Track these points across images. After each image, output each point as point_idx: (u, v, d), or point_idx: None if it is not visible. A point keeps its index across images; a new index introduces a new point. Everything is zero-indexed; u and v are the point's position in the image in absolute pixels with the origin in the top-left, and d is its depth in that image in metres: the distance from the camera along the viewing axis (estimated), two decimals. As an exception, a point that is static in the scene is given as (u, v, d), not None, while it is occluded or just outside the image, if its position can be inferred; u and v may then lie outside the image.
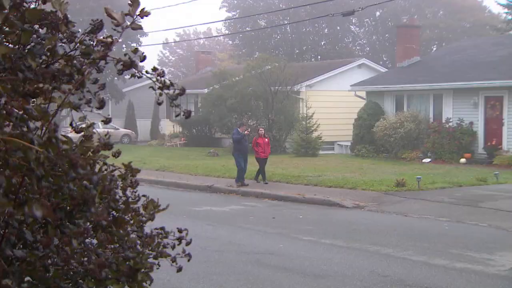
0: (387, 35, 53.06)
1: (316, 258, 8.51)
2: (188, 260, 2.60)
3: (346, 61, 34.59)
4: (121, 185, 2.37)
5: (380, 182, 16.40)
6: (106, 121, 2.28)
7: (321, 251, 9.07)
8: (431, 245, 9.35)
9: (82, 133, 2.24)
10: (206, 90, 31.71)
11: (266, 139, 17.93)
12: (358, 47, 55.49)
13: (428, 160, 23.22)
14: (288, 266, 8.08)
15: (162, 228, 2.53)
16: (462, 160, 22.34)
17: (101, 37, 2.16)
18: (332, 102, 30.54)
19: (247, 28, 51.95)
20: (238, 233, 10.65)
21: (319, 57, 52.24)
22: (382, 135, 24.66)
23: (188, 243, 2.55)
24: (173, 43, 65.50)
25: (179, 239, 2.56)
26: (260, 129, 18.37)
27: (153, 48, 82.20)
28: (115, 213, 2.22)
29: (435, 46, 50.78)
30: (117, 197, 2.26)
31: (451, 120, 23.65)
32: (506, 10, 41.90)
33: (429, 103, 25.16)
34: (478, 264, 8.09)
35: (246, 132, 17.80)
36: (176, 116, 2.37)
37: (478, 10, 50.19)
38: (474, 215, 12.08)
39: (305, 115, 27.59)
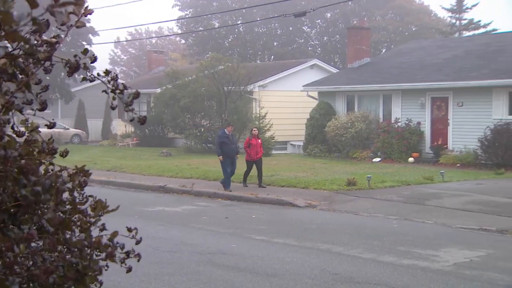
0: (338, 36, 53.89)
1: (269, 257, 8.56)
2: (138, 261, 2.57)
3: (299, 62, 34.92)
4: (69, 186, 2.33)
5: (332, 182, 16.63)
6: (50, 125, 2.24)
7: (273, 250, 9.13)
8: (380, 243, 9.55)
9: (26, 136, 2.18)
10: (158, 90, 31.46)
11: (259, 140, 16.87)
12: (310, 48, 56.09)
13: (378, 159, 23.71)
14: (241, 265, 8.11)
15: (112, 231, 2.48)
16: (410, 159, 22.92)
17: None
18: (285, 102, 30.80)
19: (200, 28, 51.77)
20: (191, 233, 10.61)
21: (272, 57, 52.54)
22: (333, 135, 25.03)
23: (138, 242, 2.51)
24: (125, 42, 64.57)
25: (133, 238, 2.53)
26: (254, 129, 17.01)
27: (104, 47, 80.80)
28: (61, 215, 2.18)
29: (384, 47, 51.92)
30: (64, 198, 2.21)
31: (400, 120, 24.22)
32: (450, 14, 43.33)
33: (379, 104, 25.68)
34: (424, 260, 8.32)
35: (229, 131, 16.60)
36: (131, 121, 2.33)
37: (425, 14, 51.65)
38: (421, 213, 12.42)
39: (258, 115, 27.75)
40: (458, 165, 21.20)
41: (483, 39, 28.88)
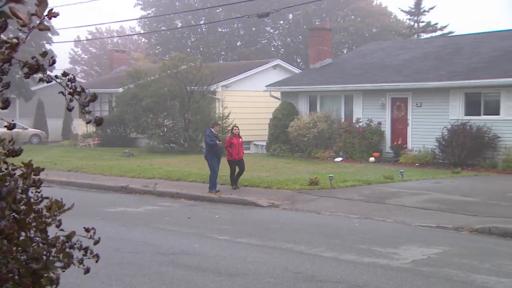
0: (300, 37, 54.31)
1: (231, 257, 8.57)
2: (96, 261, 2.55)
3: (262, 62, 35.05)
4: (22, 185, 2.28)
5: (294, 181, 16.77)
6: (10, 127, 2.21)
7: (236, 250, 9.15)
8: (341, 242, 9.68)
9: None
10: (121, 90, 31.14)
11: (241, 140, 16.46)
12: (273, 49, 56.38)
13: (340, 159, 24.01)
14: (203, 265, 8.10)
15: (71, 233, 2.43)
16: (371, 159, 23.28)
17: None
18: (248, 102, 30.87)
19: (162, 28, 51.42)
20: (153, 234, 10.54)
21: (235, 57, 52.58)
22: (296, 135, 25.22)
23: (96, 242, 2.48)
24: (85, 41, 63.60)
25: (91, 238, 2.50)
26: (235, 128, 16.61)
27: (64, 46, 79.35)
28: (16, 215, 2.14)
29: (345, 48, 52.61)
30: (18, 197, 2.17)
31: (361, 120, 24.57)
32: (408, 17, 44.27)
33: (341, 104, 26.00)
34: (384, 258, 8.46)
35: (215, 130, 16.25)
36: (87, 123, 2.30)
37: (385, 16, 52.60)
38: (381, 212, 12.64)
39: (222, 115, 27.76)
40: (417, 164, 21.64)
41: (440, 41, 29.54)
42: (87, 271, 2.49)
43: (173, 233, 10.60)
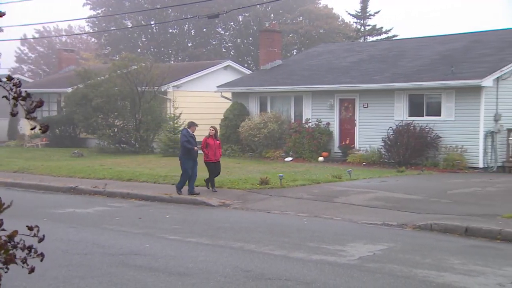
0: (251, 38, 54.60)
1: (182, 257, 8.59)
2: (41, 260, 2.49)
3: (213, 63, 35.15)
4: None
5: (245, 181, 16.91)
6: None
7: (186, 249, 9.17)
8: (291, 240, 9.83)
9: None
10: (70, 89, 30.62)
11: (218, 141, 15.96)
12: (224, 50, 56.48)
13: (290, 158, 24.34)
14: (153, 265, 8.09)
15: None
16: (320, 158, 23.71)
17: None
18: (200, 102, 30.88)
19: (112, 27, 50.72)
20: (103, 235, 10.46)
21: (186, 58, 52.39)
22: (247, 135, 25.40)
23: (40, 240, 2.41)
24: (32, 40, 62.02)
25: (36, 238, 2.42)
26: (211, 129, 16.06)
27: (10, 44, 77.05)
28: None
29: (295, 50, 53.24)
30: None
31: (310, 121, 24.97)
32: (355, 20, 45.24)
33: (291, 105, 26.36)
34: (332, 255, 8.65)
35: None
36: (32, 129, 2.25)
37: (332, 18, 53.53)
38: (329, 210, 12.91)
39: (173, 115, 27.68)
40: (364, 163, 22.17)
41: (385, 44, 30.32)
42: (31, 270, 2.40)
43: (123, 234, 10.54)
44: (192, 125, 15.81)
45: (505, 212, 11.95)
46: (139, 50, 51.43)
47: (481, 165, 20.40)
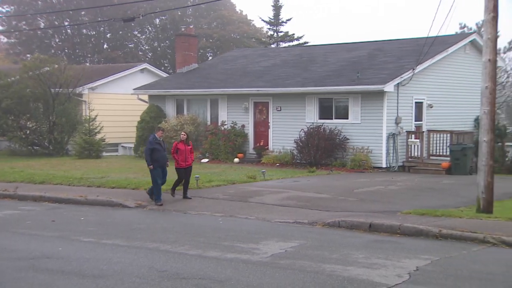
0: (167, 42, 54.40)
1: (96, 259, 8.56)
2: None
3: (129, 65, 34.95)
4: None
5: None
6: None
7: (101, 251, 9.16)
8: (206, 239, 10.04)
9: None
10: (-24, 90, 29.27)
11: (189, 146, 15.03)
12: (141, 53, 55.90)
13: (206, 160, 24.65)
14: (66, 268, 8.00)
15: None
16: (236, 159, 24.16)
17: None
18: (116, 105, 30.61)
19: (23, 26, 48.86)
20: (12, 239, 10.21)
21: (102, 60, 51.37)
22: (164, 137, 25.34)
23: None
24: None
25: None
26: (182, 133, 15.31)
27: None
28: None
29: (210, 54, 53.66)
30: None
31: (226, 123, 25.38)
32: (269, 26, 46.35)
33: (207, 107, 26.68)
34: (246, 254, 8.92)
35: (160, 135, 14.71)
36: None
37: (245, 24, 54.45)
38: (244, 210, 13.26)
39: (89, 118, 27.29)
40: (277, 164, 22.85)
41: (297, 50, 31.28)
42: None
43: (34, 237, 10.35)
44: (159, 129, 14.91)
45: (404, 209, 12.83)
46: (52, 51, 49.81)
47: (384, 165, 21.63)
